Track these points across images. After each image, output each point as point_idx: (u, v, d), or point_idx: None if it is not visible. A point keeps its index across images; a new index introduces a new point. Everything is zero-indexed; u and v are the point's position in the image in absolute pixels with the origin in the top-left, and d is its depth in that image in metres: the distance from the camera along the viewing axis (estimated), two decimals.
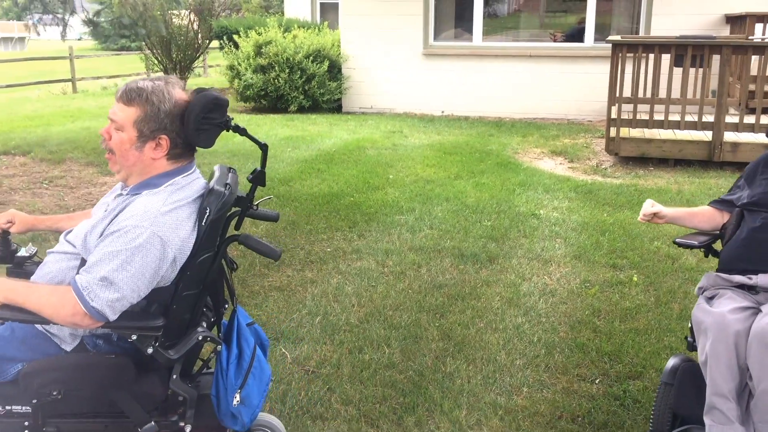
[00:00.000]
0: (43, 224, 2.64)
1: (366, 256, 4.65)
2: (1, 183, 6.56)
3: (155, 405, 2.13)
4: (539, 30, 11.99)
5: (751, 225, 2.64)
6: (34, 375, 2.05)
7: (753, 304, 2.44)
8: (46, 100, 14.64)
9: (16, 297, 1.99)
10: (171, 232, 2.03)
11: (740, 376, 2.31)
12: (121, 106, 2.11)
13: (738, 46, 7.15)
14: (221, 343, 2.21)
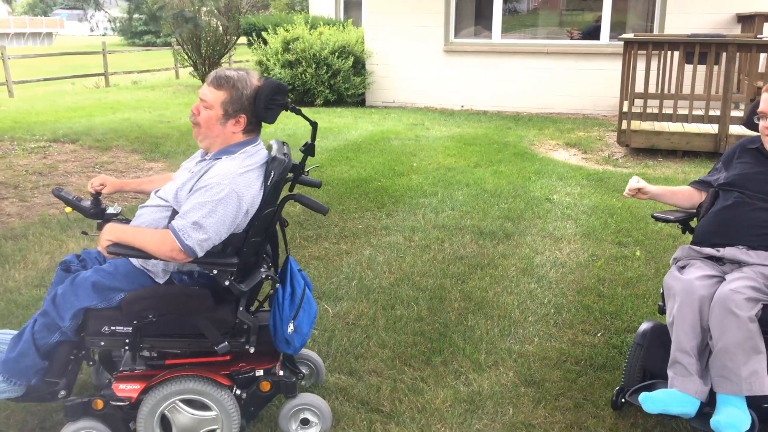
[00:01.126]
0: (129, 186, 3.19)
1: (394, 232, 5.16)
2: (57, 167, 7.14)
3: (227, 330, 2.63)
4: (557, 27, 12.41)
5: (723, 203, 2.92)
6: (135, 302, 2.56)
7: (719, 274, 2.72)
8: (82, 93, 15.28)
9: (126, 237, 2.53)
10: (245, 189, 2.55)
11: (702, 335, 2.59)
12: (211, 89, 2.63)
13: (743, 44, 7.55)
14: (279, 282, 2.72)
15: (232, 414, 2.59)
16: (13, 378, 2.57)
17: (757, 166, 2.91)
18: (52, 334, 2.57)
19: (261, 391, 2.68)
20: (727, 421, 2.45)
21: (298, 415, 2.76)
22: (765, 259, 2.71)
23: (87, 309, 2.55)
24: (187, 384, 2.58)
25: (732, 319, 2.49)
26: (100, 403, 2.56)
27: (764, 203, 2.80)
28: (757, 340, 2.48)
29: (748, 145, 3.01)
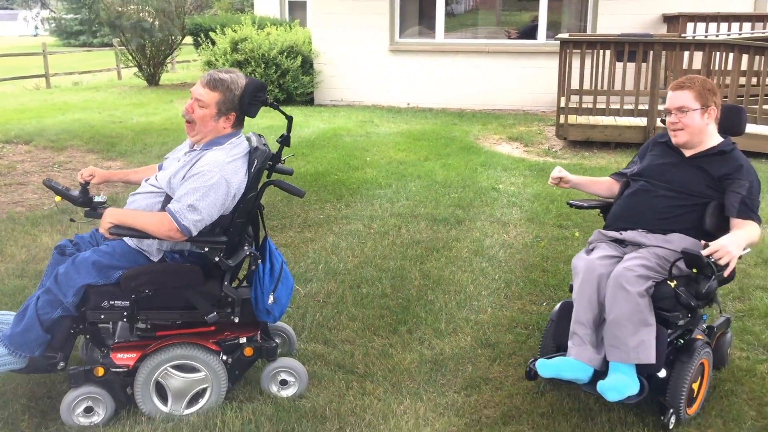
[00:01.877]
0: (116, 177, 3.48)
1: (354, 221, 5.51)
2: (15, 167, 7.23)
3: (214, 302, 2.94)
4: (496, 27, 12.97)
5: (630, 191, 3.17)
6: (132, 278, 2.85)
7: (620, 254, 2.96)
8: (24, 94, 15.08)
9: (126, 219, 2.82)
10: (232, 176, 2.88)
11: (599, 309, 2.82)
12: (207, 91, 2.94)
13: (668, 43, 8.19)
14: (261, 258, 3.05)
15: (220, 376, 2.93)
16: (19, 350, 2.79)
17: (664, 157, 3.15)
18: (55, 310, 2.81)
19: (245, 356, 3.01)
20: (611, 385, 2.67)
21: (277, 377, 3.10)
22: (661, 241, 2.94)
23: (88, 286, 2.82)
24: (180, 350, 2.89)
25: (623, 293, 2.71)
26: (101, 371, 2.84)
27: (665, 191, 3.03)
28: (646, 314, 2.71)
29: (659, 139, 3.26)
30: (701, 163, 3.03)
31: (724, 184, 2.96)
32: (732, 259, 2.68)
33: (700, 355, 2.84)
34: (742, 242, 2.77)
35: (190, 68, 22.95)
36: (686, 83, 3.06)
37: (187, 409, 2.92)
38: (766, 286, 4.24)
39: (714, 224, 2.95)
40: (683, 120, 3.03)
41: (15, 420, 2.85)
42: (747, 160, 3.05)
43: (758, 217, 2.94)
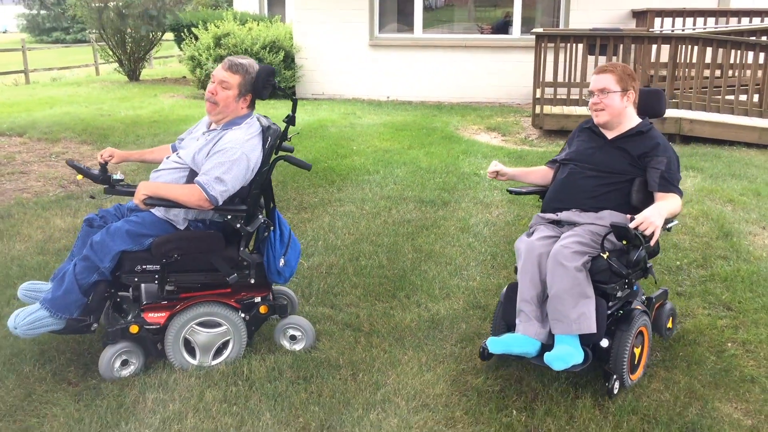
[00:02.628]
0: (133, 156, 3.80)
1: (347, 203, 5.87)
2: (14, 157, 7.46)
3: (233, 265, 3.29)
4: (471, 22, 13.40)
5: (561, 175, 3.39)
6: (162, 244, 3.18)
7: (557, 234, 3.15)
8: (4, 90, 15.15)
9: (160, 191, 3.15)
10: (251, 152, 3.24)
11: (542, 287, 3.01)
12: (230, 74, 3.29)
13: (636, 36, 8.66)
14: (273, 225, 3.40)
15: (241, 330, 3.30)
16: (59, 312, 3.07)
17: (589, 142, 3.36)
18: (92, 275, 3.11)
19: (260, 314, 3.37)
20: (556, 355, 2.84)
21: (287, 332, 3.47)
22: (593, 218, 3.14)
23: (123, 252, 3.13)
24: (205, 308, 3.24)
25: (561, 270, 2.89)
26: (136, 328, 3.16)
27: (592, 172, 3.24)
28: (584, 287, 2.90)
29: (584, 125, 3.46)
30: (622, 144, 3.24)
31: (645, 162, 3.17)
32: (656, 229, 2.86)
33: (638, 323, 3.03)
34: (664, 212, 2.94)
35: (168, 64, 23.09)
36: (609, 68, 3.27)
37: (213, 360, 3.26)
38: (725, 256, 4.68)
39: (640, 199, 3.15)
40: (604, 101, 3.23)
41: (62, 371, 3.18)
42: (664, 137, 3.27)
43: (679, 190, 3.15)
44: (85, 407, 2.88)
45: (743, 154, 7.77)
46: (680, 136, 8.45)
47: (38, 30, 36.87)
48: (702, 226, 5.24)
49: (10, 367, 3.18)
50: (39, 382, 3.08)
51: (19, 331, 3.02)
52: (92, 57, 21.06)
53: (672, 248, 4.79)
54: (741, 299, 4.01)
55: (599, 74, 3.27)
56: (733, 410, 2.94)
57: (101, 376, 3.11)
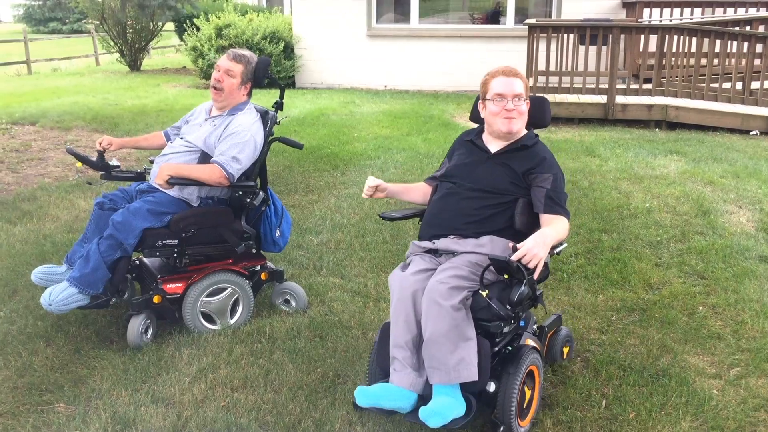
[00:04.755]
0: (129, 144, 4.14)
1: (351, 186, 6.25)
2: (30, 145, 7.80)
3: (240, 237, 3.66)
4: (465, 12, 13.75)
5: (438, 195, 2.99)
6: (181, 220, 3.52)
7: (434, 266, 2.75)
8: (7, 80, 15.43)
9: (182, 171, 3.51)
10: (257, 134, 3.64)
11: (417, 329, 2.61)
12: (234, 63, 3.66)
13: (625, 27, 9.03)
14: (270, 200, 3.78)
15: (249, 294, 3.69)
16: (87, 288, 3.35)
17: (469, 156, 2.99)
18: (116, 252, 3.41)
19: (261, 280, 3.78)
20: (433, 410, 2.44)
21: (282, 296, 3.88)
22: (473, 246, 2.76)
23: (146, 229, 3.44)
24: (218, 276, 3.61)
25: (436, 309, 2.52)
26: (158, 298, 3.51)
27: (472, 192, 2.87)
28: (464, 328, 2.52)
29: (465, 137, 3.11)
30: (505, 159, 2.91)
31: (529, 180, 2.85)
32: (540, 261, 2.49)
33: (527, 363, 2.68)
34: (550, 240, 2.58)
35: (165, 54, 23.37)
36: (517, 72, 2.94)
37: (231, 319, 3.65)
38: (702, 231, 5.07)
39: (525, 222, 2.83)
40: (519, 108, 2.88)
41: (105, 331, 3.57)
42: (549, 152, 2.95)
43: (565, 210, 2.83)
44: (129, 360, 3.27)
45: (726, 140, 8.17)
46: (666, 122, 8.84)
47: (35, 20, 36.95)
48: (683, 206, 5.63)
49: (58, 328, 3.56)
50: (85, 341, 3.46)
51: (54, 307, 3.28)
52: (91, 47, 21.33)
53: (653, 225, 5.17)
54: (714, 269, 4.40)
55: (510, 77, 2.89)
56: (699, 361, 3.33)
57: (129, 344, 3.41)
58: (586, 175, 6.58)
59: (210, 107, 3.80)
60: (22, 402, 2.95)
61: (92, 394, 3.01)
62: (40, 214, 5.37)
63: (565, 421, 2.83)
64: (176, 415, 2.84)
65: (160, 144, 3.98)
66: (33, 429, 2.76)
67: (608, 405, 2.95)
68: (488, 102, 2.92)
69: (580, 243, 4.82)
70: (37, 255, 4.50)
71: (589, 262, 4.52)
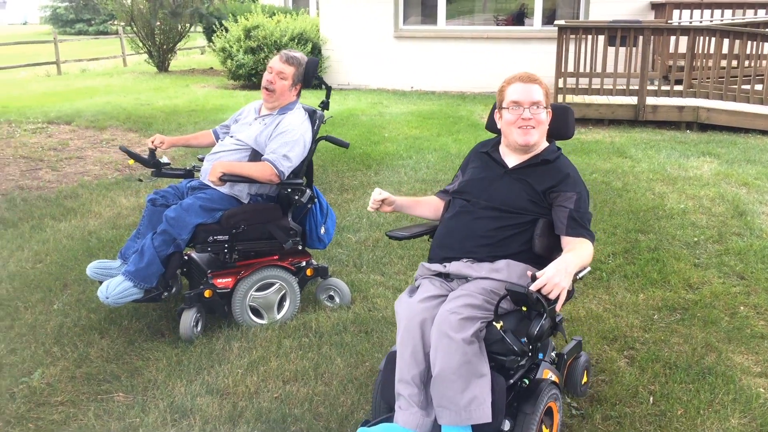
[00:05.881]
0: (180, 142, 4.22)
1: (385, 186, 6.30)
2: (67, 144, 7.96)
3: (287, 233, 3.73)
4: (491, 14, 13.78)
5: (450, 213, 2.74)
6: (231, 217, 3.61)
7: (445, 292, 2.51)
8: (38, 81, 15.68)
9: (234, 169, 3.59)
10: (306, 133, 3.71)
11: (425, 362, 2.36)
12: (286, 66, 3.73)
13: (656, 28, 9.01)
14: (316, 197, 3.85)
15: (296, 289, 3.76)
16: (141, 282, 3.45)
17: (484, 170, 2.75)
18: (169, 247, 3.51)
19: (307, 276, 3.84)
20: None
21: (327, 292, 3.95)
22: (488, 271, 2.53)
23: (198, 225, 3.54)
24: (267, 272, 3.68)
25: (446, 342, 2.29)
26: (209, 292, 3.60)
27: (487, 211, 2.64)
28: (476, 363, 2.29)
29: (480, 149, 2.87)
30: (524, 175, 2.66)
31: (550, 198, 2.60)
32: (562, 291, 2.23)
33: (545, 400, 2.45)
34: (573, 268, 2.31)
35: (191, 55, 23.57)
36: (536, 78, 2.70)
37: (278, 314, 3.72)
38: (739, 233, 5.06)
39: (545, 245, 2.58)
40: (537, 116, 2.64)
41: (156, 324, 3.66)
42: (573, 167, 2.71)
43: (590, 233, 2.57)
44: (182, 352, 3.35)
45: (758, 141, 8.12)
46: (698, 123, 8.81)
47: (61, 21, 37.46)
48: (718, 207, 5.63)
49: (111, 321, 3.66)
50: (138, 333, 3.55)
51: (110, 300, 3.37)
52: (118, 48, 21.59)
53: (690, 226, 5.18)
54: (753, 270, 4.40)
55: (528, 84, 2.66)
56: (744, 360, 3.35)
57: (181, 337, 3.50)
58: (619, 176, 6.58)
59: (259, 106, 3.88)
60: (82, 391, 3.04)
61: (149, 384, 3.09)
62: (83, 211, 5.49)
63: (614, 416, 2.86)
64: (231, 405, 2.91)
65: (209, 142, 4.07)
66: (95, 417, 2.85)
67: (656, 402, 2.97)
68: (504, 110, 2.68)
69: (617, 243, 4.84)
70: (84, 251, 4.61)
71: (627, 261, 4.53)
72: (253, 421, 2.80)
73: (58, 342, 3.45)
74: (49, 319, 3.68)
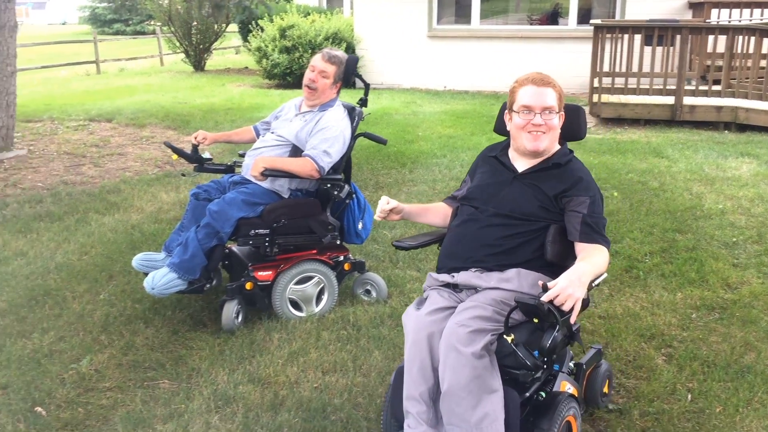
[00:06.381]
0: (222, 138, 4.31)
1: (419, 184, 6.35)
2: (108, 140, 8.15)
3: (326, 227, 3.79)
4: (524, 14, 13.74)
5: (458, 221, 2.62)
6: (272, 211, 3.68)
7: (454, 304, 2.40)
8: (78, 80, 16.03)
9: (276, 164, 3.66)
10: (346, 129, 3.78)
11: (434, 378, 2.26)
12: (328, 64, 3.81)
13: (694, 27, 8.91)
14: (354, 193, 3.91)
15: (334, 283, 3.83)
16: (186, 275, 3.52)
17: (493, 176, 2.65)
18: (212, 240, 3.59)
19: (344, 270, 3.91)
20: None
21: (364, 286, 4.01)
22: (498, 281, 2.42)
23: (241, 218, 3.61)
24: (306, 266, 3.75)
25: (455, 356, 2.19)
26: (250, 285, 3.67)
27: (495, 218, 2.52)
28: (487, 378, 2.19)
29: (488, 154, 2.78)
30: (534, 180, 2.55)
31: (562, 203, 2.49)
32: (576, 302, 2.12)
33: (563, 415, 2.33)
34: (587, 277, 2.20)
35: (225, 55, 23.86)
36: (550, 80, 2.55)
37: (316, 307, 3.79)
38: None
39: (557, 252, 2.47)
40: (549, 122, 2.51)
41: (198, 315, 3.76)
42: (586, 170, 2.59)
43: (605, 239, 2.45)
44: (224, 342, 3.44)
45: None
46: (736, 124, 8.70)
47: (100, 21, 38.15)
48: (757, 207, 5.56)
49: (155, 311, 3.76)
50: (181, 323, 3.65)
51: (156, 291, 3.46)
52: (155, 48, 21.95)
53: (728, 226, 5.13)
54: None
55: (541, 87, 2.53)
56: None
57: (222, 328, 3.58)
58: (656, 176, 6.54)
59: (300, 103, 3.95)
60: (128, 378, 3.15)
61: (192, 372, 3.18)
62: (125, 205, 5.63)
63: (651, 412, 2.87)
64: (273, 393, 2.98)
65: (250, 138, 4.15)
66: (141, 402, 2.94)
67: (694, 399, 2.98)
68: (514, 114, 2.56)
69: (654, 242, 4.82)
70: (128, 244, 4.74)
71: (664, 260, 4.52)
72: (294, 409, 2.87)
73: (105, 330, 3.56)
74: (95, 309, 3.80)
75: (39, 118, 9.56)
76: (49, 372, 3.17)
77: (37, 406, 2.91)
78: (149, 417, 2.83)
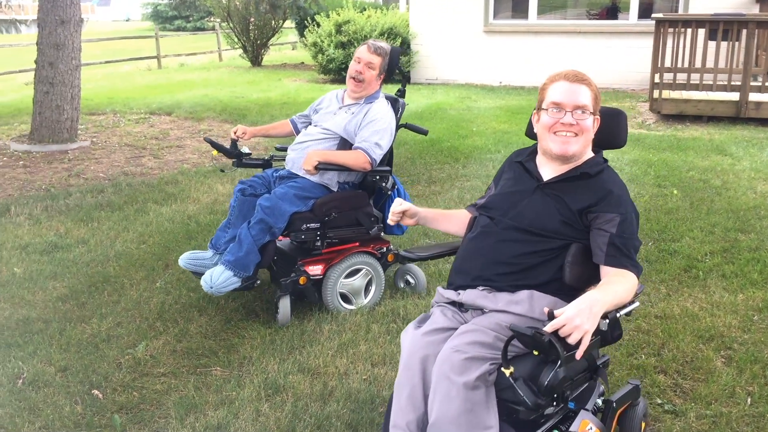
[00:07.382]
0: (260, 132, 4.29)
1: (473, 179, 6.30)
2: (168, 133, 8.34)
3: (372, 219, 3.78)
4: (584, 8, 13.47)
5: (472, 233, 2.38)
6: (323, 204, 3.68)
7: (456, 325, 2.18)
8: (141, 74, 16.45)
9: (328, 157, 3.66)
10: (393, 121, 3.79)
11: (424, 406, 2.05)
12: (374, 56, 3.80)
13: (762, 21, 8.58)
14: (396, 185, 3.89)
15: (381, 275, 3.84)
16: (241, 271, 3.50)
17: (516, 184, 2.37)
18: (266, 236, 3.56)
19: (387, 261, 3.90)
20: None
21: (404, 277, 4.02)
22: (506, 303, 2.16)
23: (294, 213, 3.62)
24: (355, 258, 3.76)
25: (445, 385, 1.96)
26: (303, 280, 3.69)
27: (511, 232, 2.24)
28: (480, 413, 1.95)
29: (514, 159, 2.49)
30: (558, 191, 2.25)
31: (588, 220, 2.18)
32: (585, 335, 1.82)
33: None
34: (600, 308, 1.88)
35: (282, 51, 24.16)
36: (585, 77, 2.28)
37: (365, 299, 3.80)
38: None
39: (577, 276, 2.18)
40: (582, 122, 2.22)
41: (251, 305, 3.82)
42: (621, 183, 2.28)
43: (635, 265, 2.13)
44: (275, 332, 3.48)
45: None
46: None
47: (161, 18, 39.05)
48: None
49: (209, 300, 3.83)
50: (234, 312, 3.71)
51: (215, 290, 3.45)
52: (214, 44, 22.36)
53: None
54: None
55: (575, 84, 2.25)
56: None
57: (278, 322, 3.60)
58: (718, 173, 6.34)
59: (342, 95, 3.95)
60: (182, 364, 3.21)
61: (244, 360, 3.23)
62: (182, 196, 5.75)
63: (708, 415, 2.79)
64: (322, 384, 3.01)
65: (287, 132, 4.16)
66: (194, 388, 3.00)
67: (754, 403, 2.87)
68: (542, 112, 2.27)
69: (715, 242, 4.67)
70: (184, 234, 4.84)
71: (725, 261, 4.37)
72: (343, 400, 2.88)
73: (161, 317, 3.65)
74: (152, 296, 3.90)
75: (102, 111, 9.86)
76: (107, 356, 3.26)
77: (94, 389, 3.00)
78: (201, 403, 2.88)
